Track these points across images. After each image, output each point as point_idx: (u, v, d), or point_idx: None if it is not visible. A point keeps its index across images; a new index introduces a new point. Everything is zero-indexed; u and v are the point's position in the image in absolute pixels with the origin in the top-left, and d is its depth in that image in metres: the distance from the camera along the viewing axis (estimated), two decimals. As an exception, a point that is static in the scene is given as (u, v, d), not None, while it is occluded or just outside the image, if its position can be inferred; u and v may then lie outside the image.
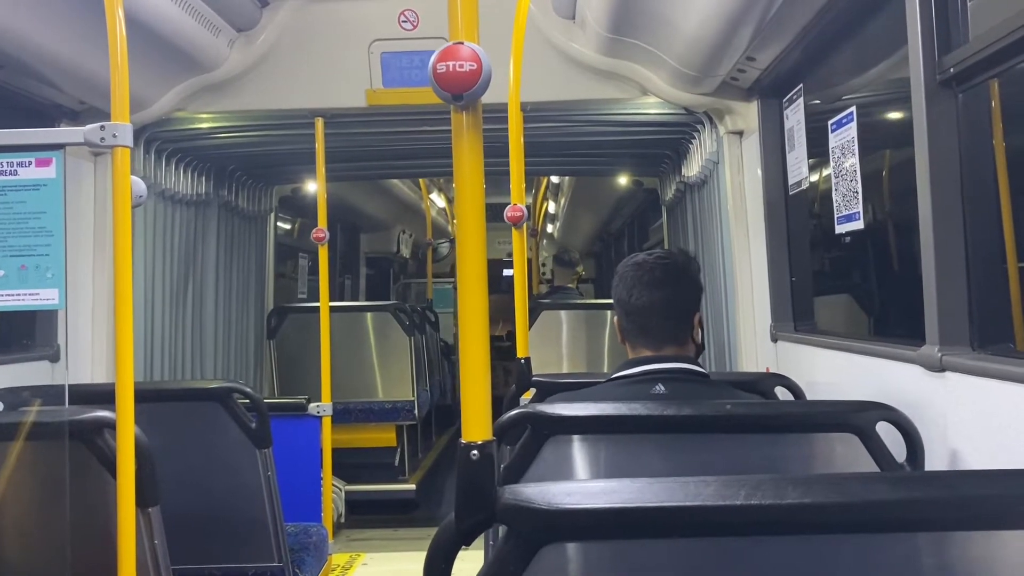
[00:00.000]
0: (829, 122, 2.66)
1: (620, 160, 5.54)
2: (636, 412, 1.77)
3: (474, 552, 1.46)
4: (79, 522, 1.96)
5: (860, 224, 2.51)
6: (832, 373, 2.71)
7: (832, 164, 2.65)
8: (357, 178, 6.88)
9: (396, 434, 6.44)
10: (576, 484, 1.08)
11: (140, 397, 1.82)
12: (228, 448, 2.75)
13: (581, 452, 1.84)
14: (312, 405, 3.55)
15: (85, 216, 3.73)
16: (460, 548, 1.10)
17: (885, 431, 1.78)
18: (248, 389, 2.80)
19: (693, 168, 4.14)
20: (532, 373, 2.79)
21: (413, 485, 6.29)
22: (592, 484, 1.11)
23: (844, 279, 3.17)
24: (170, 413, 2.73)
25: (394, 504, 6.12)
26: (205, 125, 4.14)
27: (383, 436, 6.38)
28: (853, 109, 2.52)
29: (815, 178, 3.00)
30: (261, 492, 2.78)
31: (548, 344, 5.87)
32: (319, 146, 3.97)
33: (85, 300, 3.72)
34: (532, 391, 2.66)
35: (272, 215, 5.90)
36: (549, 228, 11.53)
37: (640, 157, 5.14)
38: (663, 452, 1.84)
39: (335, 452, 4.08)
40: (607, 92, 3.82)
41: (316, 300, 4.24)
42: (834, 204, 2.65)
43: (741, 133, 3.62)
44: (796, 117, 3.07)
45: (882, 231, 2.62)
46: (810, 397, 2.59)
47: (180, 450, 2.69)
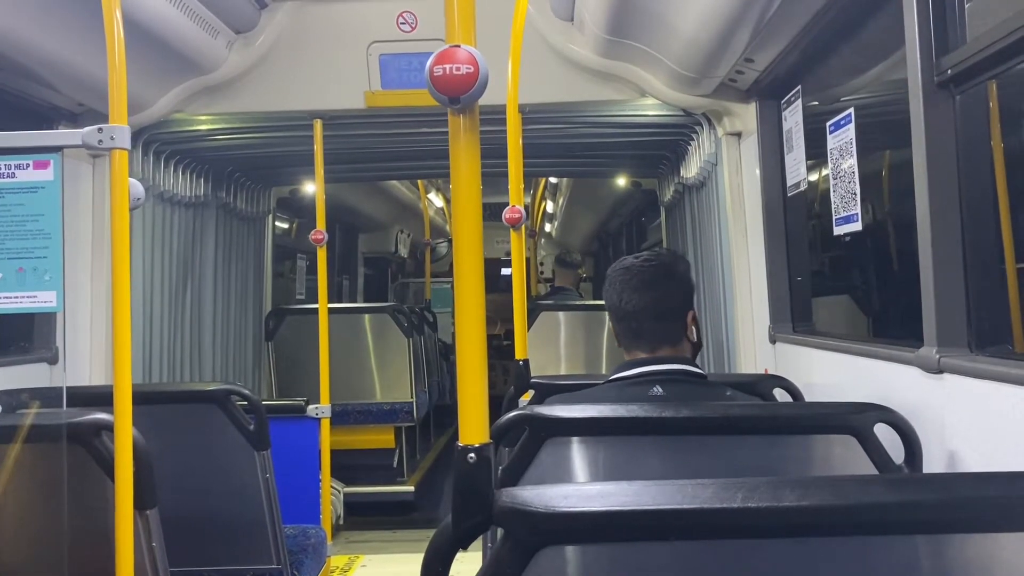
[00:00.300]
0: (827, 123, 2.66)
1: (619, 161, 5.53)
2: (634, 414, 1.77)
3: (472, 554, 1.46)
4: (77, 525, 1.96)
5: (858, 225, 2.51)
6: (830, 375, 2.71)
7: (830, 165, 2.65)
8: (355, 179, 6.88)
9: (395, 436, 6.44)
10: (573, 487, 1.08)
11: (138, 399, 1.82)
12: (226, 450, 2.76)
13: (579, 454, 1.84)
14: (310, 407, 3.54)
15: (83, 218, 3.72)
16: (457, 551, 1.10)
17: (883, 433, 1.78)
18: (246, 391, 2.81)
19: (691, 169, 4.14)
20: (530, 374, 2.79)
21: (412, 487, 6.28)
22: (589, 487, 1.10)
23: (842, 280, 3.17)
24: (168, 415, 2.73)
25: (393, 506, 6.12)
26: (203, 127, 4.14)
27: (382, 438, 6.38)
28: (851, 111, 2.52)
29: (813, 179, 3.00)
30: (259, 494, 2.78)
31: (547, 345, 5.87)
32: (317, 148, 3.97)
33: (83, 302, 3.72)
34: (531, 392, 2.66)
35: (270, 216, 5.89)
36: (547, 228, 11.52)
37: (639, 158, 5.14)
38: (661, 454, 1.84)
39: (334, 454, 4.08)
40: (605, 94, 3.82)
41: (314, 301, 4.24)
42: (832, 205, 2.65)
43: (739, 134, 3.62)
44: (794, 118, 3.07)
45: (880, 232, 2.62)
46: (808, 398, 2.59)
47: (178, 452, 2.69)
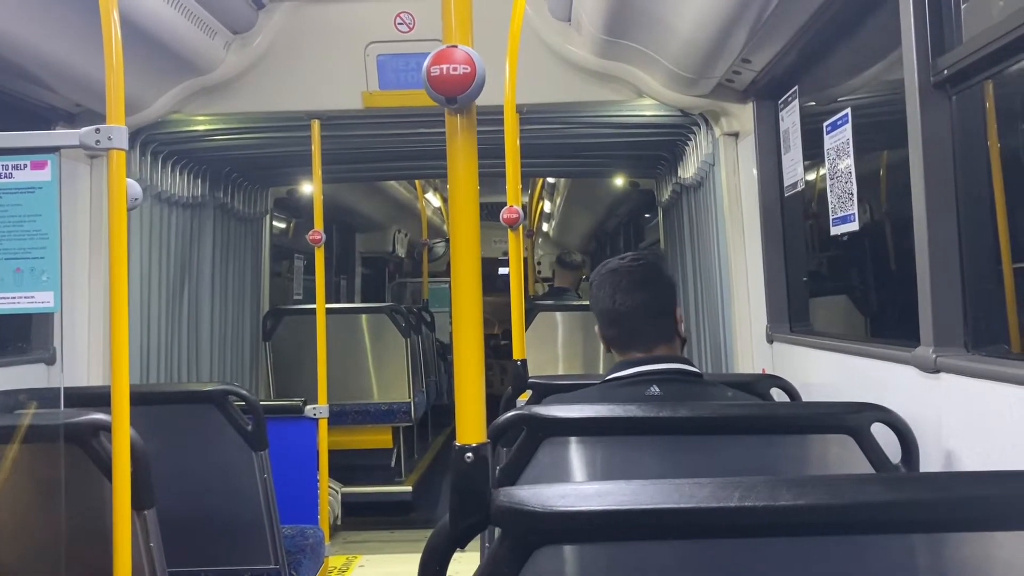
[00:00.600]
0: (824, 124, 2.67)
1: (616, 162, 5.54)
2: (632, 414, 1.77)
3: (471, 554, 1.46)
4: (75, 525, 1.96)
5: (855, 225, 2.51)
6: (827, 374, 2.72)
7: (827, 166, 2.66)
8: (353, 180, 6.88)
9: (392, 436, 6.44)
10: (570, 486, 1.08)
11: (136, 400, 1.82)
12: (224, 451, 2.76)
13: (577, 454, 1.85)
14: (308, 407, 3.54)
15: (81, 219, 3.72)
16: (454, 551, 1.10)
17: (880, 432, 1.79)
18: (244, 391, 2.81)
19: (689, 170, 4.14)
20: (528, 375, 2.79)
21: (410, 487, 6.28)
22: (586, 486, 1.11)
23: (840, 280, 3.17)
24: (166, 416, 2.73)
25: (391, 506, 6.11)
26: (201, 127, 4.14)
27: (379, 438, 6.37)
28: (848, 111, 2.52)
29: (811, 179, 3.01)
30: (257, 494, 2.78)
31: (545, 345, 5.87)
32: (315, 148, 3.97)
33: (81, 303, 3.72)
34: (529, 392, 2.67)
35: (268, 217, 5.89)
36: (545, 228, 11.52)
37: (636, 159, 5.14)
38: (659, 454, 1.84)
39: (331, 454, 4.07)
40: (603, 94, 3.83)
41: (312, 301, 4.24)
42: (829, 206, 2.65)
43: (737, 135, 3.63)
44: (791, 119, 3.07)
45: (877, 233, 2.62)
46: (806, 398, 2.60)
47: (176, 453, 2.69)
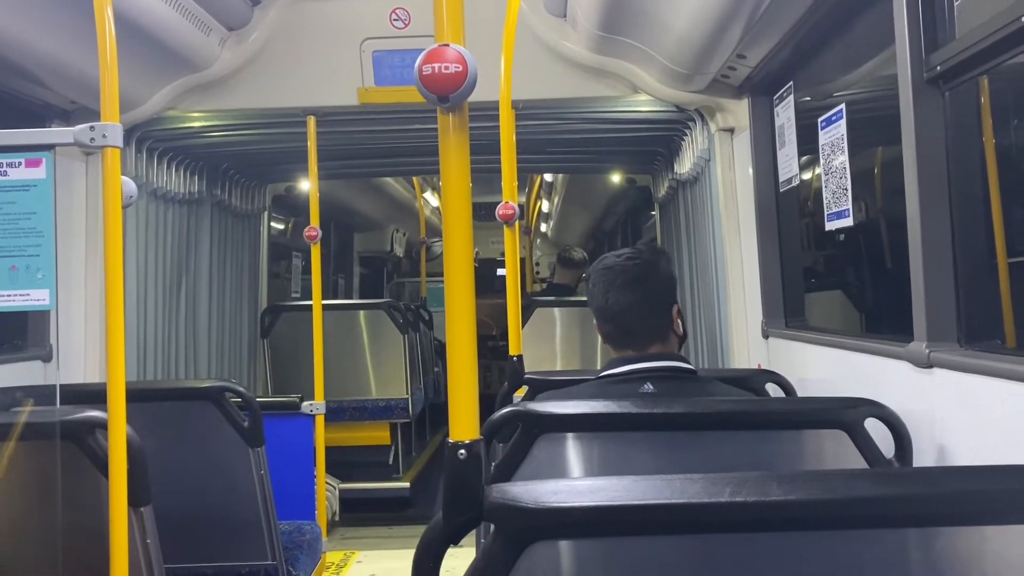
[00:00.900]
0: (819, 119, 2.67)
1: (612, 157, 5.54)
2: (626, 410, 1.78)
3: (466, 549, 1.47)
4: (71, 522, 1.97)
5: (850, 221, 2.52)
6: (822, 369, 2.72)
7: (822, 161, 2.66)
8: (350, 176, 6.87)
9: (390, 432, 6.44)
10: (563, 482, 1.09)
11: (132, 397, 1.83)
12: (221, 447, 2.76)
13: (572, 450, 1.85)
14: (305, 404, 3.54)
15: (76, 216, 3.71)
16: (448, 547, 1.11)
17: (874, 427, 1.79)
18: (240, 388, 2.81)
19: (685, 165, 4.15)
20: (524, 370, 2.79)
21: (407, 483, 6.29)
22: (579, 482, 1.11)
23: (834, 276, 3.18)
24: (163, 412, 2.74)
25: (388, 502, 6.12)
26: (197, 124, 4.13)
27: (377, 434, 6.37)
28: (843, 106, 2.53)
29: (806, 175, 3.01)
30: (254, 491, 2.79)
31: (542, 341, 5.87)
32: (311, 144, 3.96)
33: (77, 300, 3.71)
34: (525, 388, 2.67)
35: (266, 214, 5.88)
36: (543, 227, 11.53)
37: (632, 154, 5.15)
38: (653, 450, 1.85)
39: (329, 450, 4.08)
40: (598, 90, 3.83)
41: (310, 299, 4.24)
42: (824, 201, 2.66)
43: (732, 130, 3.63)
44: (786, 114, 3.07)
45: (872, 228, 2.63)
46: (801, 393, 2.61)
47: (173, 449, 2.69)
